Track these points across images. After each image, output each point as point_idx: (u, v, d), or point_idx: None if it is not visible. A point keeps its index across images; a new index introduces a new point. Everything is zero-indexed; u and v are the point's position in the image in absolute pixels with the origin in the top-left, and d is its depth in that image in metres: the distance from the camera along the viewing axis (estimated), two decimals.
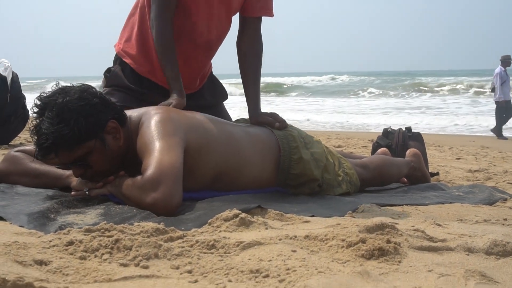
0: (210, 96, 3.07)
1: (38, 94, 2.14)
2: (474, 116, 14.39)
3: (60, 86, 2.16)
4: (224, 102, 3.21)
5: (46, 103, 2.09)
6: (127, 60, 2.85)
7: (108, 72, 2.94)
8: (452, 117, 14.30)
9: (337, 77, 38.58)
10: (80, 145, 2.08)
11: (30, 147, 2.37)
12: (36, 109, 2.11)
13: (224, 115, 3.01)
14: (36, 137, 2.08)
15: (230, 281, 1.28)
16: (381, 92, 25.29)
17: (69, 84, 2.18)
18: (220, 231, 1.69)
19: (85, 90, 2.15)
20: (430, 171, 3.53)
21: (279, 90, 29.67)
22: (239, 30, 2.91)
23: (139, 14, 2.85)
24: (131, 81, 2.84)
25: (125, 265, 1.34)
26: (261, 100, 2.85)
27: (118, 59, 2.92)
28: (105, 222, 1.61)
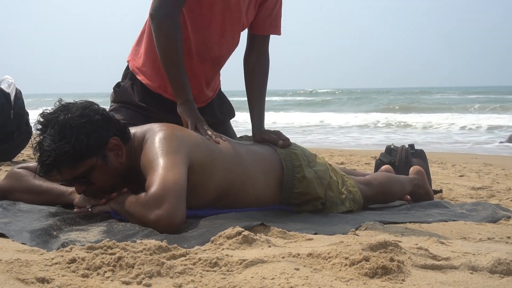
0: (218, 114, 3.03)
1: (41, 111, 2.15)
2: None
3: (63, 103, 2.17)
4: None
5: (49, 120, 2.10)
6: (140, 77, 2.82)
7: (117, 86, 2.92)
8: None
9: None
10: (82, 162, 2.08)
11: (33, 163, 2.37)
12: (39, 126, 2.12)
13: (231, 133, 3.00)
14: (38, 154, 2.08)
15: None
16: None
17: (72, 101, 2.19)
18: (223, 249, 1.68)
19: (87, 107, 2.15)
20: (433, 188, 3.52)
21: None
22: (246, 47, 2.91)
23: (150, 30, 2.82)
24: (141, 97, 2.81)
25: (127, 283, 1.34)
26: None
27: (129, 73, 2.89)
28: (107, 239, 1.61)
